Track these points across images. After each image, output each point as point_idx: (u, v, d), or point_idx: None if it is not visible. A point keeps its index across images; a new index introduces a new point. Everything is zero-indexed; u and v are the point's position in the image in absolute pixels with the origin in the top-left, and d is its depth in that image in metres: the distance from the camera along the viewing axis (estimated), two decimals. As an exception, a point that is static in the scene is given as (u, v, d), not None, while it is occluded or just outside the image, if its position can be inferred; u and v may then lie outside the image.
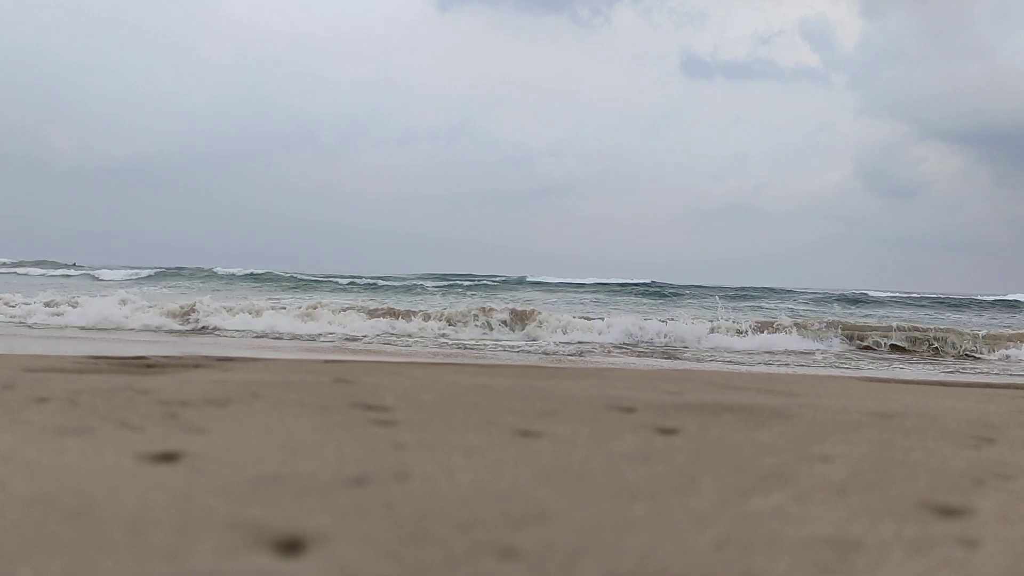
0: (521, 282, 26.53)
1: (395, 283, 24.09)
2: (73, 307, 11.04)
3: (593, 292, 23.54)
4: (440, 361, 6.58)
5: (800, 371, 7.66)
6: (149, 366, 3.57)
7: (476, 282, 25.51)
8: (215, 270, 28.46)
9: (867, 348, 10.98)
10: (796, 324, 11.68)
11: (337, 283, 24.06)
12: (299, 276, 26.17)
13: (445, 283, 24.37)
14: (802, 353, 9.94)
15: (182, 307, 11.09)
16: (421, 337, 10.35)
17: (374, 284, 23.68)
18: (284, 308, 11.85)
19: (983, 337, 11.32)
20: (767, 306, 20.07)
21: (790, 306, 20.19)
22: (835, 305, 20.00)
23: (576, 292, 23.60)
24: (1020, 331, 12.09)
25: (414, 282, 24.36)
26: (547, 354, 8.83)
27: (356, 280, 24.98)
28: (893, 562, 1.06)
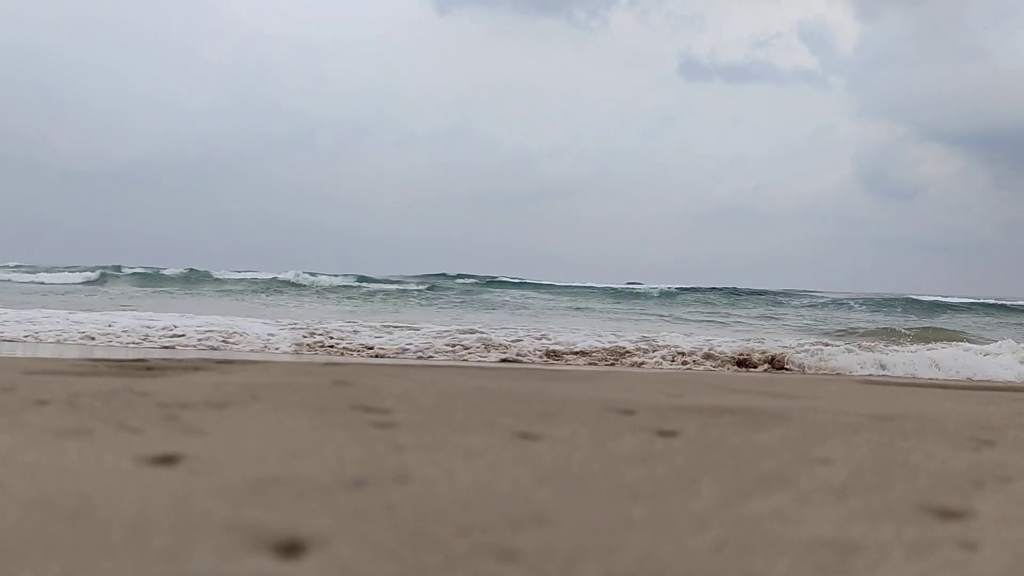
0: (525, 284, 25.96)
1: (385, 285, 22.65)
2: None
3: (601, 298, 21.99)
4: (439, 363, 6.58)
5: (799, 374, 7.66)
6: (148, 369, 3.57)
7: (467, 283, 24.74)
8: (163, 270, 25.33)
9: None
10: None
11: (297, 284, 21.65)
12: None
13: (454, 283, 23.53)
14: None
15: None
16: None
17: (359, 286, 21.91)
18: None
19: None
20: (787, 312, 19.14)
21: (855, 314, 19.07)
22: (898, 311, 18.67)
23: (596, 299, 21.65)
24: None
25: (406, 285, 23.14)
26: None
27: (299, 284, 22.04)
28: (893, 564, 1.06)
